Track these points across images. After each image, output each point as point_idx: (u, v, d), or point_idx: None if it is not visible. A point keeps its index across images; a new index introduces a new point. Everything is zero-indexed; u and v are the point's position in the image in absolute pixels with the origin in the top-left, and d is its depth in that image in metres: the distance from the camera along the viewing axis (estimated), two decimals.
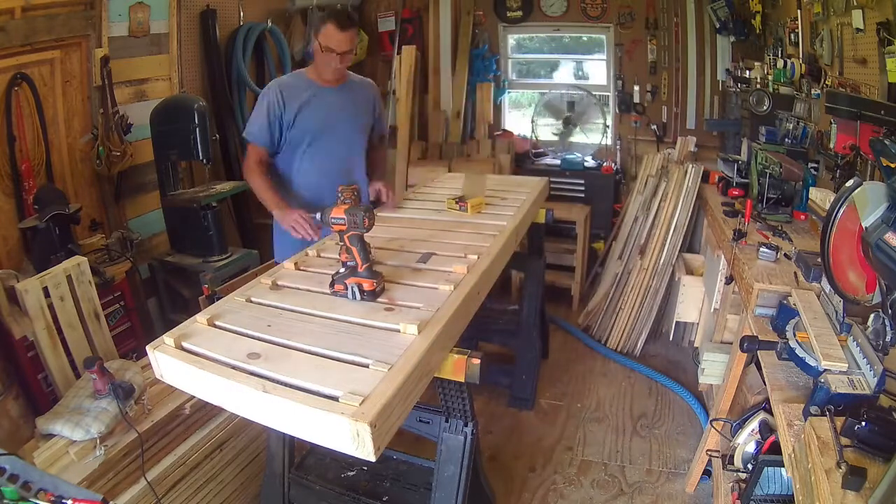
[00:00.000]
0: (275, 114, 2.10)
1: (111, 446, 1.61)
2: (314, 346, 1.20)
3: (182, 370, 1.20)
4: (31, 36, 2.42)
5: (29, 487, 0.99)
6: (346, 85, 2.23)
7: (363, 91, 2.31)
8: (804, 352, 1.34)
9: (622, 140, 4.20)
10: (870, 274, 1.30)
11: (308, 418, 1.02)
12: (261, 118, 2.11)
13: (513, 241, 2.05)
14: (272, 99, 2.10)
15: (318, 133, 2.16)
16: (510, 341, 2.85)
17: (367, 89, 2.33)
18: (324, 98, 2.15)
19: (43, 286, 1.91)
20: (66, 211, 2.40)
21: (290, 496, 1.80)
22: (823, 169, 2.47)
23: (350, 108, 2.24)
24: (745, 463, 1.68)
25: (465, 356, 1.34)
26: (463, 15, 4.27)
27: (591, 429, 2.62)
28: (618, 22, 4.03)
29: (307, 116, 2.13)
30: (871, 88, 2.12)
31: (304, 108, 2.12)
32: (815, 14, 2.53)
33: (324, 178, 2.17)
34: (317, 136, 2.16)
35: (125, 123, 2.82)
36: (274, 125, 2.11)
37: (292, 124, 2.12)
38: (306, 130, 2.15)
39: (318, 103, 2.14)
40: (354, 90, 2.27)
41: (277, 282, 1.55)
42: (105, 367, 1.73)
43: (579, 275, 3.79)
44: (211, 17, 3.32)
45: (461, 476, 1.51)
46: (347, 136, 2.24)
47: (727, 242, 2.16)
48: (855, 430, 0.99)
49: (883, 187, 1.24)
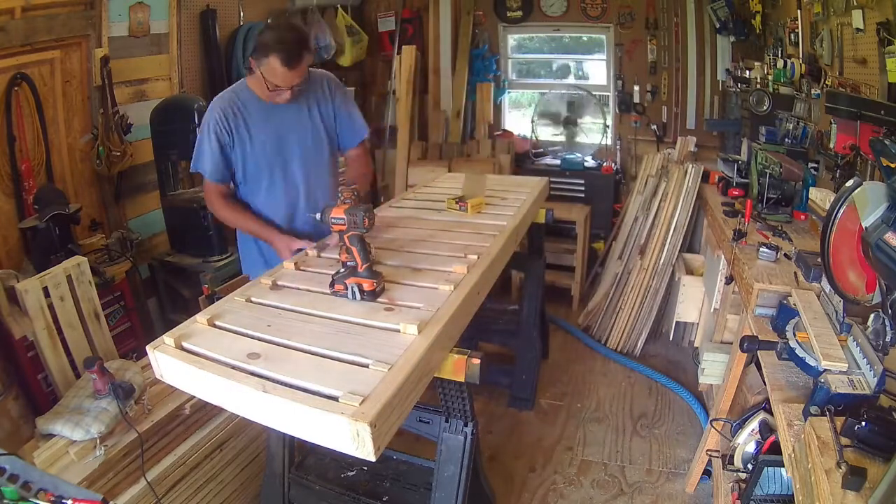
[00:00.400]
0: (224, 142, 1.86)
1: (111, 446, 1.61)
2: (314, 346, 1.20)
3: (182, 370, 1.20)
4: (31, 36, 2.42)
5: (29, 487, 0.99)
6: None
7: (317, 91, 1.95)
8: (804, 352, 1.34)
9: (622, 140, 4.20)
10: (870, 274, 1.30)
11: (308, 418, 1.02)
12: (209, 148, 1.85)
13: (513, 241, 2.05)
14: (217, 125, 1.83)
15: (277, 165, 1.92)
16: (510, 341, 2.85)
17: (320, 85, 1.97)
18: (275, 119, 1.88)
19: (43, 286, 1.91)
20: (66, 211, 2.40)
21: (290, 496, 1.80)
22: (823, 169, 2.47)
23: (307, 124, 1.94)
24: (745, 463, 1.68)
25: (465, 356, 1.34)
26: (463, 15, 4.27)
27: (591, 429, 2.62)
28: (618, 22, 4.02)
29: (259, 145, 1.88)
30: (871, 88, 2.12)
31: (255, 135, 1.87)
32: (815, 14, 2.54)
33: (287, 209, 1.97)
34: (274, 170, 1.92)
35: (125, 123, 2.83)
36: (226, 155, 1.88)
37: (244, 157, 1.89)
38: (258, 166, 1.91)
39: (266, 128, 1.88)
40: (311, 94, 1.93)
41: (277, 282, 1.55)
42: (105, 367, 1.73)
43: (579, 275, 3.79)
44: (211, 17, 3.32)
45: (461, 476, 1.51)
46: (312, 156, 1.97)
47: (727, 242, 2.16)
48: (855, 430, 0.99)
49: (883, 187, 1.24)
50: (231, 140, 1.86)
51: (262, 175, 1.94)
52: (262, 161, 1.91)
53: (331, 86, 1.99)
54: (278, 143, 1.91)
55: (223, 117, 1.84)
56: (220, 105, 1.86)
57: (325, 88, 1.97)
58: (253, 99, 1.87)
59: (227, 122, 1.84)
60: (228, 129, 1.85)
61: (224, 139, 1.86)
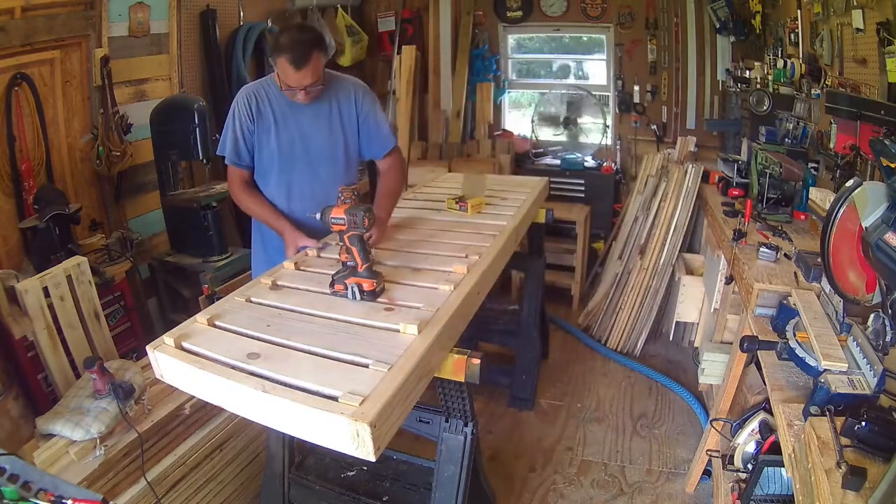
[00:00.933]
0: (247, 128, 1.89)
1: (111, 446, 1.61)
2: (314, 346, 1.20)
3: (182, 370, 1.20)
4: (31, 36, 2.42)
5: (29, 487, 0.99)
6: (324, 93, 1.89)
7: (344, 96, 1.94)
8: (804, 352, 1.34)
9: (622, 140, 4.20)
10: (870, 274, 1.30)
11: (308, 418, 1.03)
12: (233, 134, 1.89)
13: (513, 241, 2.05)
14: (242, 111, 1.87)
15: (288, 160, 1.93)
16: (510, 341, 2.85)
17: (348, 91, 1.95)
18: (295, 115, 1.89)
19: (43, 286, 1.91)
20: (66, 211, 2.40)
21: (290, 496, 1.80)
22: (823, 169, 2.47)
23: (325, 126, 1.93)
24: (745, 463, 1.68)
25: (465, 356, 1.34)
26: (463, 15, 4.27)
27: (591, 429, 2.62)
28: (618, 22, 4.03)
29: (276, 138, 1.90)
30: (871, 88, 2.12)
31: (275, 126, 1.89)
32: (815, 14, 2.54)
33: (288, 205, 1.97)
34: (284, 165, 1.93)
35: (125, 123, 2.82)
36: (249, 141, 1.90)
37: (260, 146, 1.91)
38: (272, 158, 1.93)
39: (286, 122, 1.89)
40: (334, 97, 1.92)
41: (277, 282, 1.55)
42: (105, 367, 1.73)
43: (579, 275, 3.78)
44: (211, 17, 3.32)
45: (461, 476, 1.51)
46: (324, 159, 1.96)
47: (727, 242, 2.16)
48: (855, 430, 0.99)
49: (883, 187, 1.24)
50: (254, 126, 1.89)
51: (272, 168, 1.95)
52: (276, 154, 1.93)
53: (359, 93, 1.98)
54: (293, 141, 1.92)
55: (248, 103, 1.87)
56: (247, 91, 1.90)
57: (352, 95, 1.96)
58: (279, 94, 1.88)
59: (252, 108, 1.87)
60: (251, 116, 1.88)
61: (247, 126, 1.89)
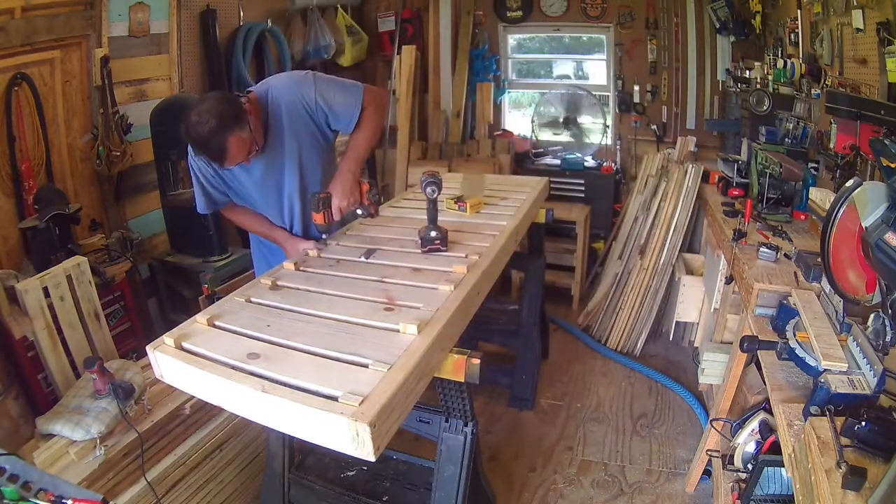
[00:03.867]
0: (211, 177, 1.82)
1: (111, 446, 1.61)
2: (314, 346, 1.20)
3: (182, 370, 1.20)
4: (31, 36, 2.42)
5: (29, 487, 0.99)
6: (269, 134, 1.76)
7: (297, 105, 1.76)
8: (804, 352, 1.33)
9: (622, 140, 4.20)
10: (870, 274, 1.30)
11: (307, 418, 1.03)
12: (201, 189, 1.85)
13: (513, 241, 2.05)
14: (201, 165, 1.78)
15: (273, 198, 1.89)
16: (510, 341, 2.85)
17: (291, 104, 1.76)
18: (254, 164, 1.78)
19: (43, 286, 1.91)
20: (66, 211, 2.40)
21: (290, 496, 1.80)
22: (823, 169, 2.46)
23: (292, 144, 1.80)
24: (745, 463, 1.68)
25: (465, 356, 1.34)
26: (463, 15, 4.27)
27: (591, 429, 2.62)
28: (618, 22, 4.02)
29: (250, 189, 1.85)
30: (871, 88, 2.11)
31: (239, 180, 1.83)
32: (815, 14, 2.53)
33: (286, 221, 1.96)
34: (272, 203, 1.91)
35: (125, 123, 2.83)
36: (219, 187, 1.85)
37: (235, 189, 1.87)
38: (256, 206, 1.92)
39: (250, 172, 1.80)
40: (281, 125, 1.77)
41: (277, 282, 1.55)
42: (105, 367, 1.73)
43: (579, 275, 3.79)
44: (211, 17, 3.32)
45: (461, 476, 1.51)
46: (307, 174, 1.90)
47: (727, 242, 2.16)
48: (855, 430, 0.99)
49: (883, 187, 1.24)
50: (217, 173, 1.81)
51: (266, 210, 1.93)
52: (254, 191, 1.87)
53: (301, 92, 1.76)
54: (266, 174, 1.83)
55: (204, 166, 1.78)
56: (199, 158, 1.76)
57: (297, 101, 1.76)
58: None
59: (208, 169, 1.79)
60: (213, 168, 1.78)
61: (210, 176, 1.81)
